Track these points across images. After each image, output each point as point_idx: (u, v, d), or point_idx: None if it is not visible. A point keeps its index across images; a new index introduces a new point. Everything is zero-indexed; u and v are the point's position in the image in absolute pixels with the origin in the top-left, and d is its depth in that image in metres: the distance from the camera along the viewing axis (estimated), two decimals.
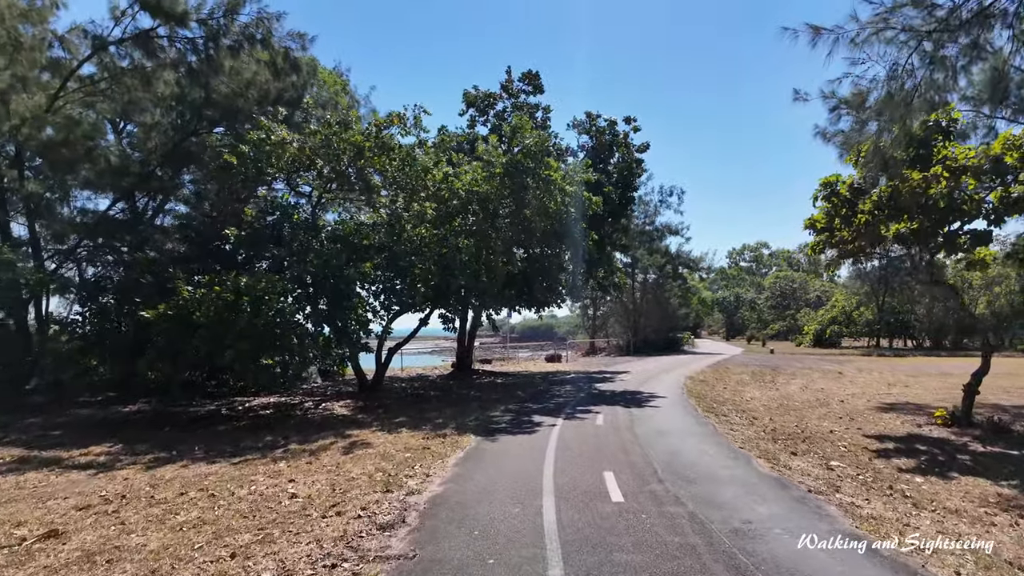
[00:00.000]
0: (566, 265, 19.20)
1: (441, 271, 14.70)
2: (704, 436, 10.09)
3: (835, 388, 18.73)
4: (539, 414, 12.92)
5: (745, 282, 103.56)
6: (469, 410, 13.83)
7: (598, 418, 12.09)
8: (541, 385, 19.54)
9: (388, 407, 14.93)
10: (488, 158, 15.45)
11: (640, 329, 46.51)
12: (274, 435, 11.37)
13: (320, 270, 13.30)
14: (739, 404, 14.87)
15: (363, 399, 16.54)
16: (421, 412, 13.90)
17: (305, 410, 14.91)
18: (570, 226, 16.88)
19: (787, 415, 13.12)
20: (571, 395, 16.64)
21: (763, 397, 16.45)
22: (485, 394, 17.31)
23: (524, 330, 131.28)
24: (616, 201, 21.27)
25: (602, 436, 10.04)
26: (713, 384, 19.64)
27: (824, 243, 12.99)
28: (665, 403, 14.59)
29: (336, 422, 12.86)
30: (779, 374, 23.76)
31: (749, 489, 6.78)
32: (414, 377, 23.43)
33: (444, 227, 15.47)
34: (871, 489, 7.01)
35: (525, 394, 17.13)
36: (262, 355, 11.96)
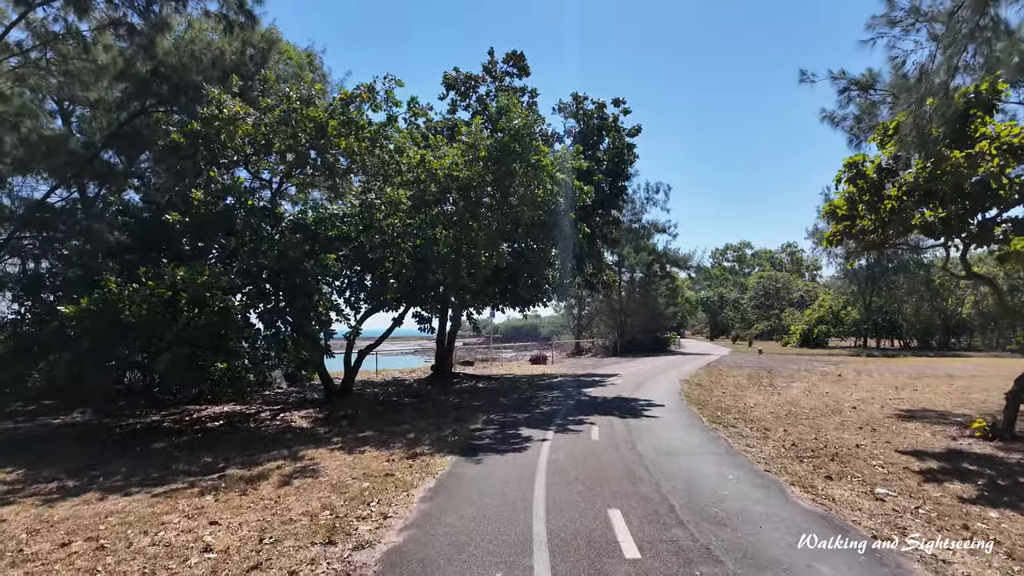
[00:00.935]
0: (553, 260, 17.70)
1: (415, 265, 13.09)
2: (719, 455, 8.63)
3: (840, 392, 17.51)
4: (526, 426, 11.38)
5: (728, 282, 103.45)
6: (446, 421, 12.23)
7: (593, 431, 10.58)
8: (527, 390, 18.01)
9: (355, 418, 13.26)
10: (471, 140, 13.87)
11: (627, 329, 45.27)
12: (215, 455, 9.67)
13: (275, 263, 11.61)
14: (744, 412, 13.51)
15: (328, 408, 14.84)
16: (392, 423, 12.27)
17: (260, 421, 13.18)
18: (559, 217, 15.38)
19: (800, 425, 11.77)
20: (560, 402, 15.13)
21: (767, 403, 15.13)
22: (465, 401, 15.72)
23: (508, 330, 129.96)
24: (606, 190, 19.80)
25: (601, 456, 8.53)
26: (711, 388, 18.30)
27: (842, 233, 11.67)
28: (664, 412, 13.15)
29: (292, 437, 11.18)
30: (776, 376, 22.57)
31: (796, 534, 5.31)
32: (389, 381, 21.73)
33: (419, 216, 13.86)
34: (943, 530, 5.60)
35: (509, 401, 15.58)
36: (203, 361, 10.23)
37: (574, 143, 18.71)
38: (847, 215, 10.91)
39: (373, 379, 22.82)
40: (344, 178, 15.22)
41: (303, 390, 19.23)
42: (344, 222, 14.08)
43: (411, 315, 15.58)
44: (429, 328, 14.22)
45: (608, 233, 21.58)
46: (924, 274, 45.53)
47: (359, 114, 13.32)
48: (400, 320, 15.43)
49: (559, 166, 14.61)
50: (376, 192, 14.85)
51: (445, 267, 13.13)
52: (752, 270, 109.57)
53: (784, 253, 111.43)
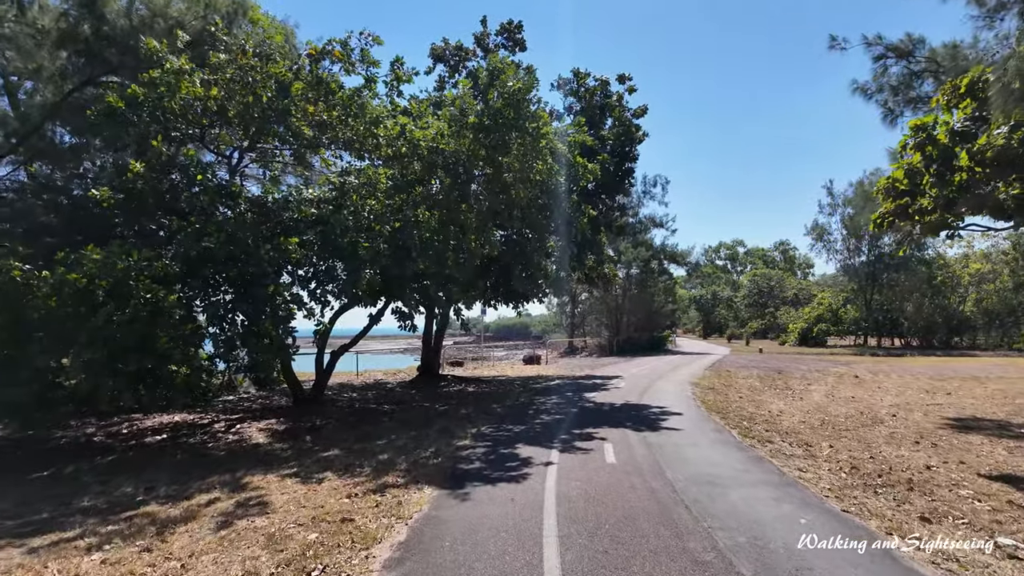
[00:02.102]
0: (551, 250, 15.84)
1: (394, 252, 11.18)
2: (772, 485, 6.82)
3: (867, 397, 15.85)
4: (525, 442, 9.51)
5: (720, 280, 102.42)
6: (429, 435, 10.34)
7: (606, 450, 8.74)
8: (522, 395, 16.14)
9: (322, 431, 11.34)
10: (459, 105, 11.94)
11: (622, 328, 43.59)
12: (139, 482, 7.72)
13: (222, 247, 9.64)
14: (773, 421, 11.77)
15: (295, 417, 12.91)
16: (365, 438, 10.36)
17: (211, 435, 11.23)
18: (559, 199, 13.54)
19: (844, 438, 10.05)
20: (561, 410, 13.28)
21: (793, 410, 13.42)
22: (453, 409, 13.83)
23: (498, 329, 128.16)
24: (612, 171, 17.90)
25: (624, 489, 6.68)
26: (724, 392, 16.56)
27: (895, 213, 9.93)
28: (684, 422, 11.36)
29: (241, 457, 9.24)
30: (789, 378, 20.92)
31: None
32: (370, 384, 19.77)
33: (399, 195, 11.95)
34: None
35: (503, 408, 13.71)
36: (125, 365, 8.26)
37: (575, 120, 16.81)
38: (906, 191, 9.17)
39: (352, 382, 20.85)
40: (313, 151, 13.24)
41: (272, 395, 17.26)
42: (314, 205, 12.16)
43: (391, 311, 13.65)
44: (410, 326, 12.31)
45: (613, 220, 19.59)
46: (926, 271, 44.28)
47: (329, 76, 11.37)
48: (378, 318, 13.52)
49: (559, 140, 12.75)
50: (354, 174, 12.93)
51: (429, 254, 11.23)
52: (745, 268, 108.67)
53: (777, 251, 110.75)
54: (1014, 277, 39.21)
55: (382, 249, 11.04)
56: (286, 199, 12.36)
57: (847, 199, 49.10)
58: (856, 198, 36.47)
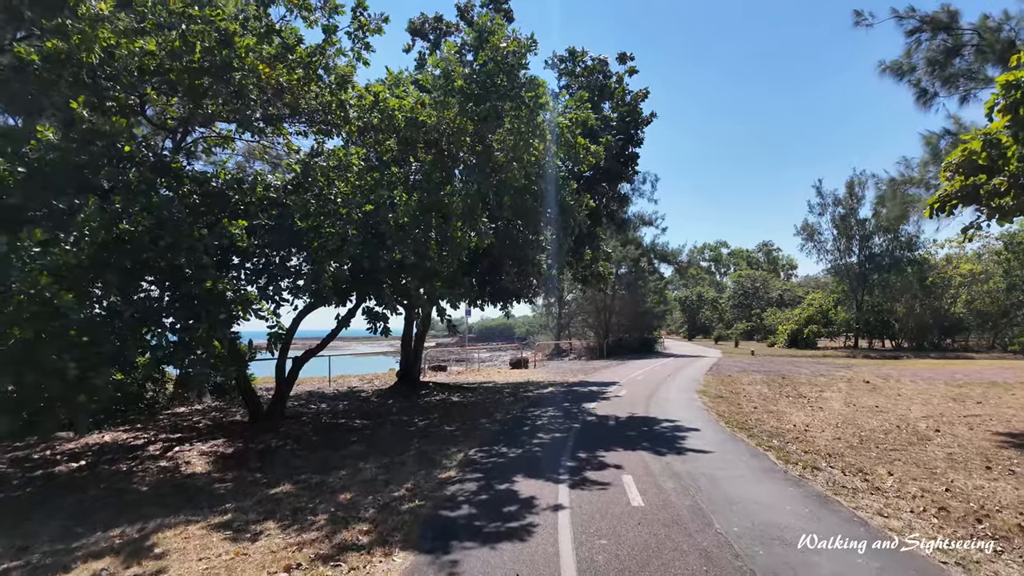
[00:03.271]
0: (546, 244, 14.10)
1: (365, 240, 9.33)
2: (859, 538, 5.12)
3: (891, 406, 14.39)
4: (523, 473, 7.71)
5: (704, 281, 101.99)
6: (405, 463, 8.49)
7: (627, 484, 6.99)
8: (513, 407, 14.35)
9: (277, 455, 9.43)
10: (444, 66, 10.09)
11: (612, 329, 42.08)
12: (12, 539, 5.76)
13: (146, 232, 7.70)
14: (805, 439, 10.19)
15: (248, 437, 10.96)
16: (326, 467, 8.49)
17: (141, 460, 9.25)
18: (556, 185, 11.79)
19: (896, 461, 8.50)
20: (561, 425, 11.52)
21: (819, 423, 11.88)
22: (435, 424, 11.99)
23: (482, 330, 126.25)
24: (614, 156, 16.13)
25: (665, 551, 4.92)
26: (736, 402, 14.98)
27: (962, 196, 8.37)
28: (707, 441, 9.68)
29: (167, 494, 7.33)
30: (796, 383, 19.48)
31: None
32: (343, 393, 17.81)
33: (371, 175, 10.10)
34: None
35: (493, 424, 11.91)
36: None
37: (576, 95, 14.85)
38: (986, 166, 7.60)
39: (324, 389, 18.86)
40: (274, 127, 11.33)
41: (232, 406, 15.24)
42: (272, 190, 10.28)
43: (362, 312, 11.76)
44: (383, 328, 10.45)
45: (614, 211, 17.75)
46: (917, 271, 43.60)
47: (284, 27, 9.47)
48: (347, 319, 11.61)
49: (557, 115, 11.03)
50: (325, 156, 11.06)
51: (407, 243, 9.39)
52: (728, 269, 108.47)
53: (760, 252, 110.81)
54: (1008, 278, 38.59)
55: (350, 237, 9.18)
56: (236, 178, 10.46)
57: (837, 199, 48.39)
58: (888, 191, 35.20)
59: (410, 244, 9.43)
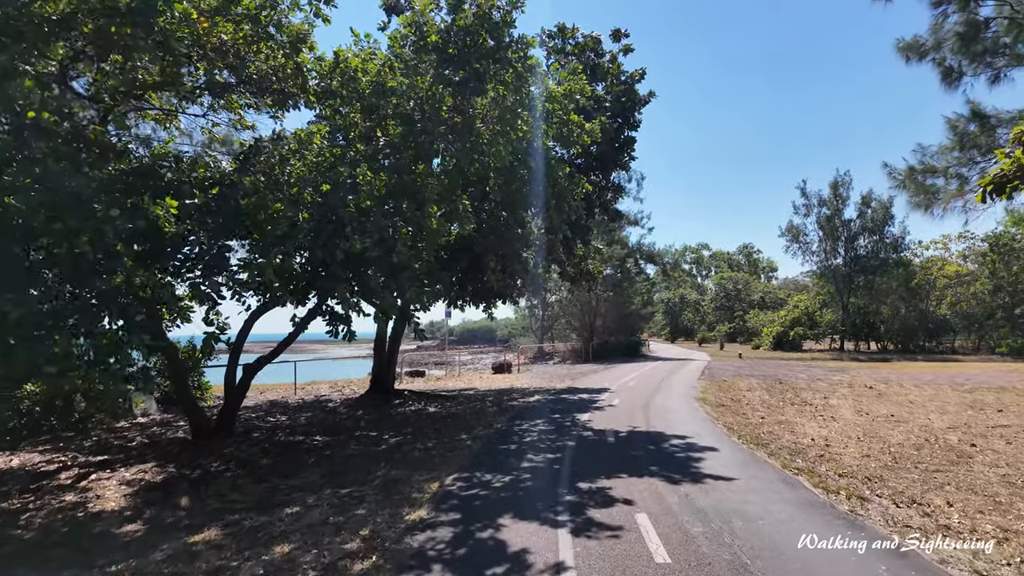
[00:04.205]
0: (534, 238, 12.64)
1: (319, 226, 7.78)
2: None
3: (906, 415, 13.26)
4: (511, 512, 6.21)
5: (686, 283, 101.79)
6: (366, 498, 6.93)
7: (643, 528, 5.55)
8: (497, 419, 12.84)
9: (212, 484, 7.80)
10: (416, 19, 8.55)
11: (597, 331, 40.85)
12: None
13: (33, 212, 6.06)
14: (830, 456, 8.92)
15: (187, 459, 9.30)
16: (269, 503, 6.91)
17: (40, 492, 7.55)
18: (549, 165, 10.34)
19: (946, 486, 7.26)
20: (552, 442, 10.04)
21: (838, 436, 10.65)
22: (407, 443, 10.42)
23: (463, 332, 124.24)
24: (609, 139, 14.63)
25: None
26: (741, 411, 13.71)
27: None
28: (726, 463, 8.30)
29: (52, 545, 5.71)
30: (795, 389, 18.35)
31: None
32: (308, 403, 16.12)
33: (330, 151, 8.54)
34: None
35: (474, 441, 10.39)
36: None
37: (569, 66, 13.29)
38: None
39: (288, 398, 17.15)
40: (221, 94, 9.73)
41: (179, 418, 13.48)
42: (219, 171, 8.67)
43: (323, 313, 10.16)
44: (347, 332, 8.89)
45: (608, 202, 16.26)
46: (903, 273, 43.23)
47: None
48: (306, 321, 10.02)
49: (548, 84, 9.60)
50: (289, 140, 9.47)
51: (370, 231, 7.86)
52: (710, 272, 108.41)
53: (741, 254, 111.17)
54: (994, 279, 38.32)
55: (300, 222, 7.61)
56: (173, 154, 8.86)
57: (822, 199, 47.95)
58: (908, 180, 34.31)
59: (374, 233, 7.89)
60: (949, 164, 11.42)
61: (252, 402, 16.48)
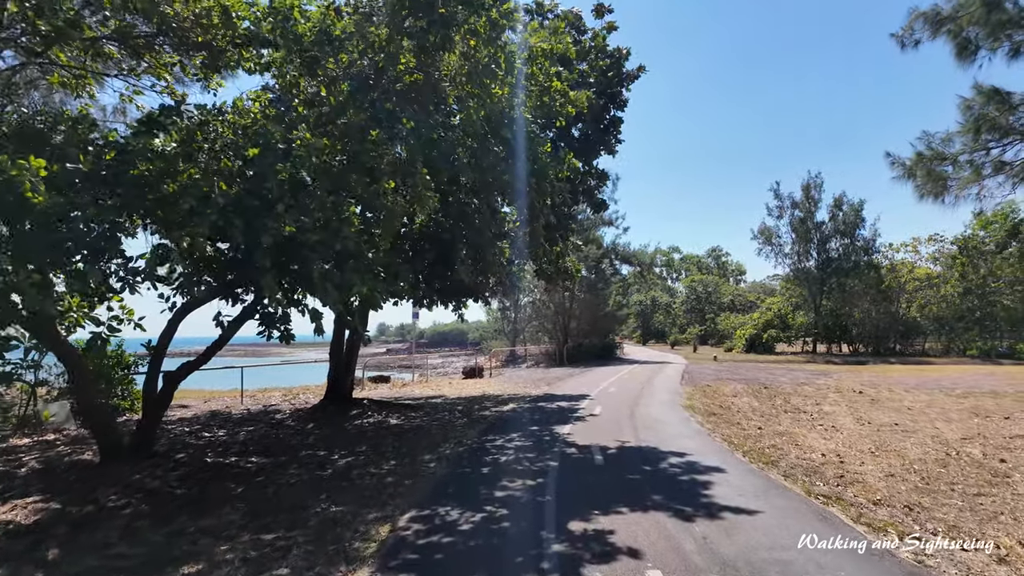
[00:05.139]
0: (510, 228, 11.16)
1: (237, 203, 6.14)
2: None
3: (911, 423, 12.28)
4: (482, 571, 4.73)
5: (657, 286, 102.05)
6: (293, 549, 5.31)
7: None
8: (467, 433, 11.30)
9: (100, 528, 6.06)
10: None
11: (571, 334, 39.63)
12: None
13: None
14: (851, 476, 7.74)
15: (81, 490, 7.49)
16: (163, 557, 5.24)
17: None
18: (528, 138, 8.86)
19: (1000, 515, 6.14)
20: (532, 463, 8.56)
21: (846, 449, 9.56)
22: (359, 465, 8.80)
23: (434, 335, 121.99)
24: (593, 118, 13.15)
25: None
26: (736, 421, 12.52)
27: None
28: (739, 489, 6.97)
29: None
30: (785, 395, 17.37)
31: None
32: (254, 414, 14.26)
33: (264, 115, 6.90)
34: None
35: (440, 463, 8.84)
36: None
37: (552, 22, 11.73)
38: None
39: (232, 409, 15.22)
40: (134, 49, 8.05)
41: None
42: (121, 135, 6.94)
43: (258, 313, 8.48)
44: (282, 333, 7.26)
45: (593, 190, 14.71)
46: (875, 275, 43.36)
47: None
48: (236, 324, 8.32)
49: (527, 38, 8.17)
50: (227, 114, 7.76)
51: (309, 209, 6.27)
52: (680, 275, 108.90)
53: (711, 257, 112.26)
54: (964, 281, 38.59)
55: (215, 195, 5.97)
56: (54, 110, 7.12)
57: (795, 201, 47.90)
58: (918, 167, 33.77)
59: (314, 211, 6.31)
60: (963, 149, 10.45)
61: (191, 412, 14.54)
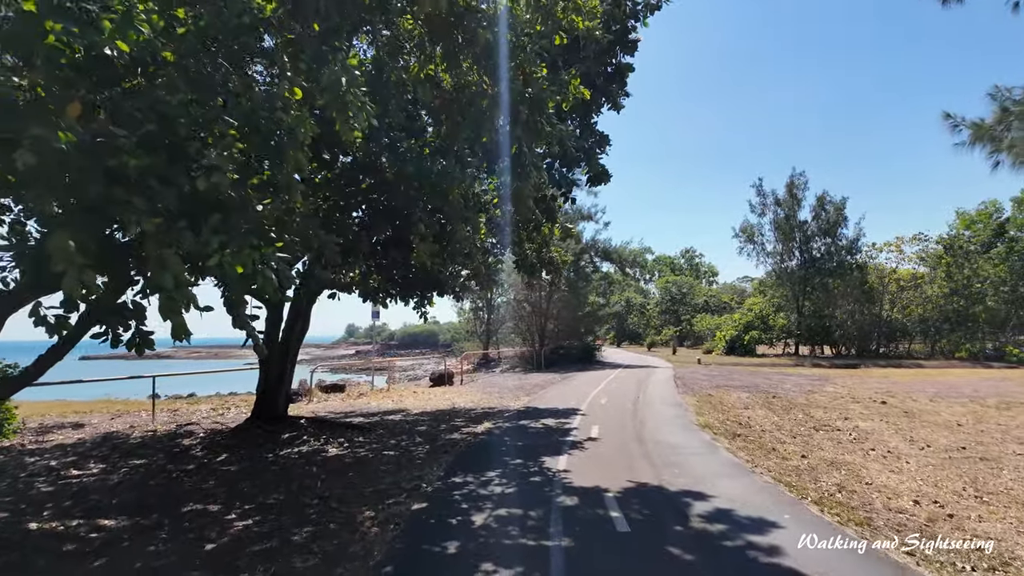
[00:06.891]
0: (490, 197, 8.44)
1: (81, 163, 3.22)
2: None
3: (980, 446, 10.03)
4: None
5: (631, 287, 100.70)
6: None
7: None
8: (428, 469, 8.49)
9: None
10: None
11: (549, 335, 37.09)
12: None
13: None
14: (991, 553, 5.25)
15: None
16: None
17: None
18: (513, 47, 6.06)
19: None
20: (522, 534, 5.84)
21: (934, 490, 7.18)
22: (255, 539, 5.89)
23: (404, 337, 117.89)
24: (599, 54, 10.22)
25: None
26: (769, 445, 10.05)
27: None
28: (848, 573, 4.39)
29: None
30: (801, 407, 15.09)
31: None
32: (158, 438, 11.12)
33: None
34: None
35: (384, 527, 6.01)
36: None
37: None
38: None
39: (132, 430, 12.00)
40: None
41: None
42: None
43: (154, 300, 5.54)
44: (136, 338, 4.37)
45: (592, 152, 11.69)
46: (859, 275, 42.12)
47: None
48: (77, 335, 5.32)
49: None
50: None
51: (137, 111, 3.40)
52: (653, 276, 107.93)
53: (683, 258, 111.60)
54: (950, 282, 37.53)
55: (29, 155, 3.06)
56: None
57: (778, 199, 46.46)
58: (1015, 123, 32.03)
59: (147, 114, 3.47)
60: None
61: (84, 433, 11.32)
